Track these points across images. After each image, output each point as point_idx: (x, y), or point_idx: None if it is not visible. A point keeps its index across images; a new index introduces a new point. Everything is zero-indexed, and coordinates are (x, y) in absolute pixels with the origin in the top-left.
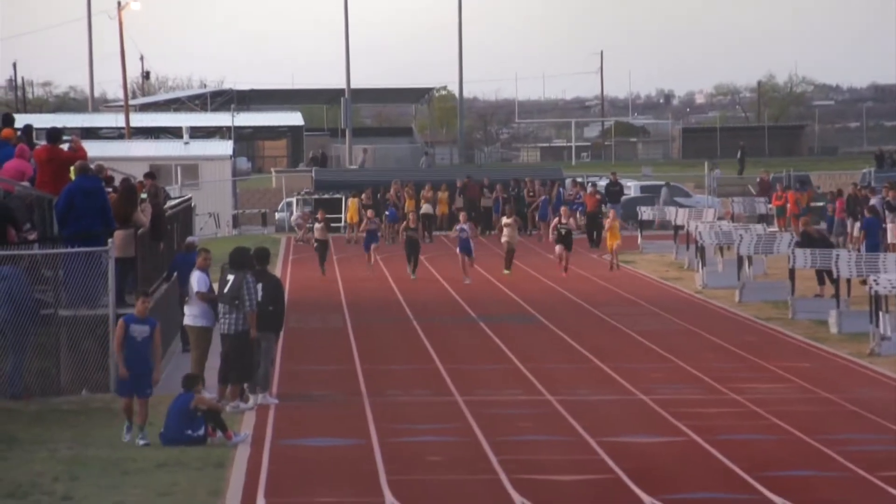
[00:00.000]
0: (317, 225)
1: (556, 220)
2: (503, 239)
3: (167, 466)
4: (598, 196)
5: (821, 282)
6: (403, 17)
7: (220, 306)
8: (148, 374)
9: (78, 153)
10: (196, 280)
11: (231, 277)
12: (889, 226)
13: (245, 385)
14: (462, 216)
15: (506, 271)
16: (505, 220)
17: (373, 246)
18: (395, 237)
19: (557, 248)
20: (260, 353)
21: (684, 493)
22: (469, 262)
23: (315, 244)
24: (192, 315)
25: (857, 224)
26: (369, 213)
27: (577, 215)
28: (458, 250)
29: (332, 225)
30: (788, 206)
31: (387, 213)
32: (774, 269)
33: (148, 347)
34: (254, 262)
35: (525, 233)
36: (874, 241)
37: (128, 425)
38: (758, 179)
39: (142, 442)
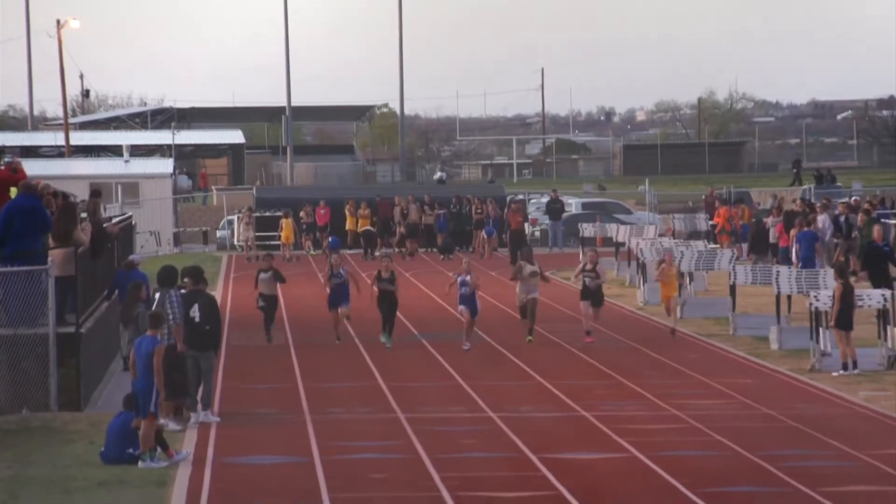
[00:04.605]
0: (262, 275)
1: (581, 266)
2: (522, 297)
3: (108, 485)
4: (521, 214)
5: None
6: (344, 34)
7: None
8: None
9: (18, 175)
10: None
11: (157, 295)
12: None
13: (186, 403)
14: (335, 259)
15: (529, 338)
16: (528, 266)
17: (341, 309)
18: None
19: (583, 304)
20: (195, 370)
21: None
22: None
23: (260, 302)
24: None
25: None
26: (334, 258)
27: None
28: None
29: (271, 243)
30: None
31: (329, 239)
32: (715, 285)
33: None
34: (178, 279)
35: (467, 249)
36: (809, 254)
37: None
38: (703, 196)
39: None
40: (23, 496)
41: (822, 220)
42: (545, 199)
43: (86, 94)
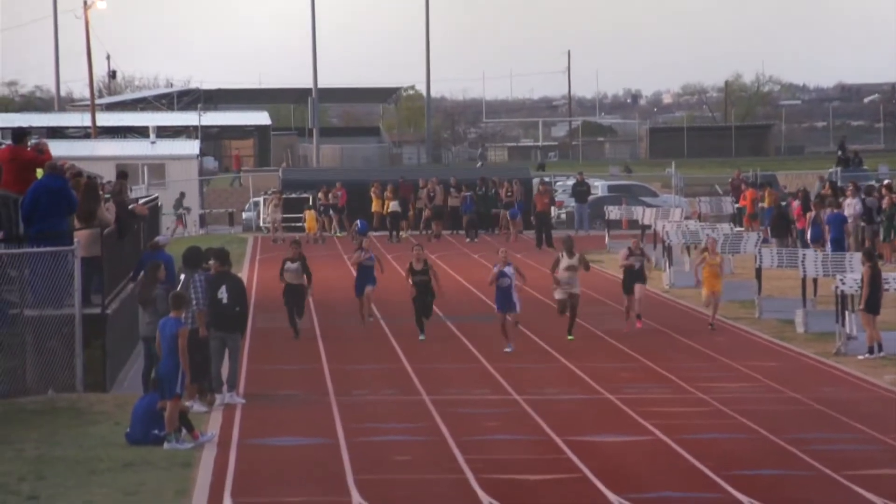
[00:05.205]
0: (289, 265)
1: (626, 252)
2: (560, 292)
3: (134, 466)
4: (547, 196)
5: None
6: (371, 16)
7: None
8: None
9: (44, 156)
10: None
11: (183, 277)
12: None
13: (211, 384)
14: (366, 243)
15: (569, 337)
16: (566, 259)
17: (368, 289)
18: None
19: (637, 290)
20: (220, 351)
21: (651, 493)
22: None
23: (285, 293)
24: None
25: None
26: (365, 242)
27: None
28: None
29: (296, 225)
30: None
31: (357, 222)
32: (741, 268)
33: None
34: (204, 261)
35: (492, 232)
36: (839, 235)
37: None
38: (730, 179)
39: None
40: (48, 476)
41: (853, 203)
42: (571, 182)
43: (112, 75)
